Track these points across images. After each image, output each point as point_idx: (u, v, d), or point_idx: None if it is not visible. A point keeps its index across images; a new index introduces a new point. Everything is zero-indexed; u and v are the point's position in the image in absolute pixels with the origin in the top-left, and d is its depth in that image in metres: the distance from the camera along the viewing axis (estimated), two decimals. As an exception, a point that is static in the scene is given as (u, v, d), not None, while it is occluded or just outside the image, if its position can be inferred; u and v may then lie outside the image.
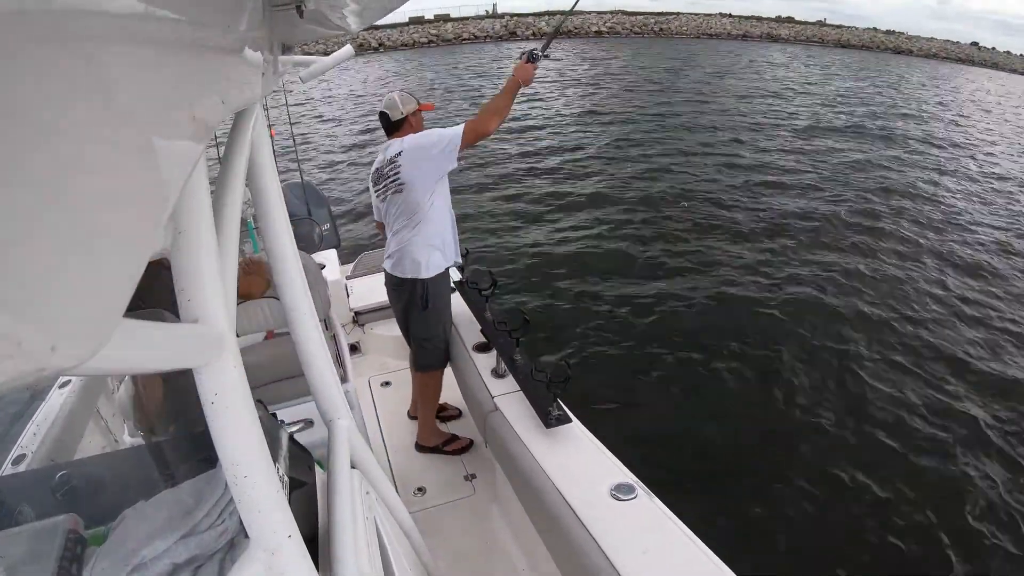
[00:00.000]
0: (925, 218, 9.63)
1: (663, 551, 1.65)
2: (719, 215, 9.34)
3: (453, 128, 2.61)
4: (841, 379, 5.29)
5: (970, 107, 24.50)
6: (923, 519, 3.83)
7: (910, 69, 40.39)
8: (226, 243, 0.83)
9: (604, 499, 1.83)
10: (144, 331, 0.48)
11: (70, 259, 0.26)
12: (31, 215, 0.23)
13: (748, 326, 6.10)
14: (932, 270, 7.71)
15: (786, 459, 4.26)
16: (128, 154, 0.33)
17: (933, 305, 6.76)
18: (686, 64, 32.61)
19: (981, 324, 6.43)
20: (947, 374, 5.42)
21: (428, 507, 2.81)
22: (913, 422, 4.78)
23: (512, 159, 12.48)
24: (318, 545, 1.13)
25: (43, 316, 0.24)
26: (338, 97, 22.68)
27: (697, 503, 3.50)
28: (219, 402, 0.72)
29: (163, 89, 0.41)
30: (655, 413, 4.69)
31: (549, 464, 1.98)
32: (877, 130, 16.66)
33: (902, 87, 28.70)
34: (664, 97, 20.88)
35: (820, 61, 40.05)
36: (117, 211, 0.32)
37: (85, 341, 0.28)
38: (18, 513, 1.04)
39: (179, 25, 0.43)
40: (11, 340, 0.22)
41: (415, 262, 2.73)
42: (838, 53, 49.10)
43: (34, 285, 0.23)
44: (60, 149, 0.25)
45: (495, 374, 2.56)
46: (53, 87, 0.24)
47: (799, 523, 3.71)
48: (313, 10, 1.03)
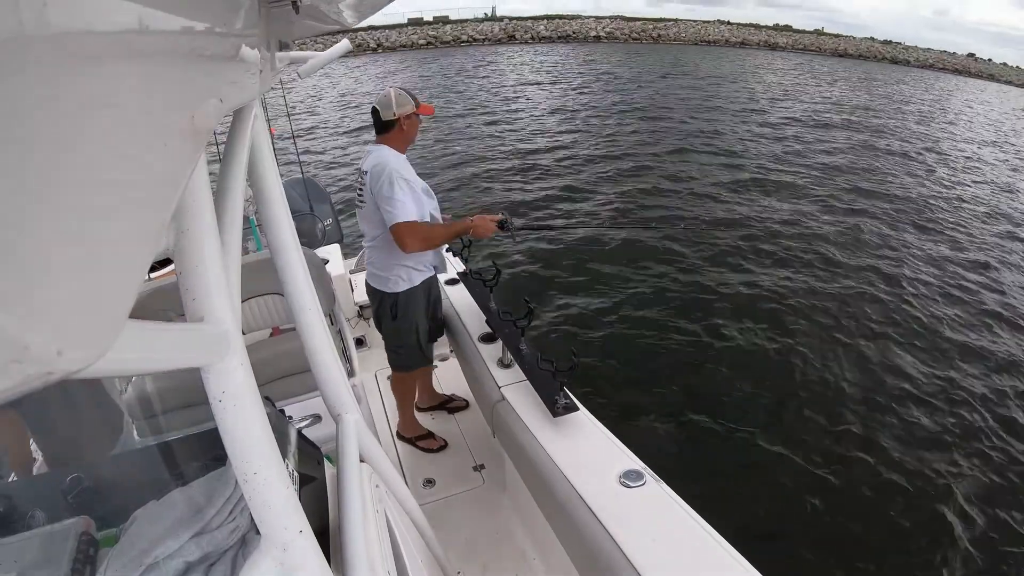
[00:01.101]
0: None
1: (673, 537, 1.65)
2: (735, 194, 9.33)
3: (394, 210, 2.42)
4: (851, 366, 5.30)
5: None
6: (935, 514, 3.84)
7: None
8: (229, 241, 0.83)
9: (613, 486, 1.83)
10: (149, 332, 0.48)
11: (74, 263, 0.26)
12: (34, 220, 0.23)
13: (757, 313, 6.10)
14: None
15: (795, 445, 4.27)
16: (128, 156, 0.33)
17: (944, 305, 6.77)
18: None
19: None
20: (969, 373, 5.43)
21: (438, 499, 2.82)
22: (917, 413, 4.79)
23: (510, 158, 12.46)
24: (329, 540, 1.14)
25: (49, 320, 0.24)
26: (338, 93, 22.63)
27: (705, 488, 3.52)
28: (227, 400, 0.72)
29: (161, 90, 0.40)
30: (662, 400, 4.69)
31: (557, 452, 1.98)
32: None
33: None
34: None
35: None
36: (119, 213, 0.32)
37: (91, 344, 0.28)
38: (31, 518, 1.05)
39: (175, 25, 0.43)
40: (17, 344, 0.22)
41: (380, 277, 2.70)
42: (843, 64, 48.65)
43: (39, 289, 0.23)
44: (61, 154, 0.25)
45: (501, 364, 2.55)
46: (54, 95, 0.24)
47: (807, 508, 3.72)
48: (309, 5, 1.02)
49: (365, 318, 4.21)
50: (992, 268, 7.74)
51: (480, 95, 21.31)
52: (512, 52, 41.83)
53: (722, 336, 5.62)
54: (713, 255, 7.41)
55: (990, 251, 8.37)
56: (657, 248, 7.55)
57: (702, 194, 9.81)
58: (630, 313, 6.03)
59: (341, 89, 24.35)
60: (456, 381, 3.08)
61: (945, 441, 4.44)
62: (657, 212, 8.94)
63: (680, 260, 7.24)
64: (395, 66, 34.16)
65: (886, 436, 4.39)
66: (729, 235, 7.90)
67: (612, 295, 6.37)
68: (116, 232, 0.31)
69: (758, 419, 4.49)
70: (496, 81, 24.92)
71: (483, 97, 20.76)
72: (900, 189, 10.99)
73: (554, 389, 2.23)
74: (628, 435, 2.08)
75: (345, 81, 27.04)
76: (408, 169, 2.54)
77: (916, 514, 3.74)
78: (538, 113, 17.74)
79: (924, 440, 4.41)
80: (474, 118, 16.66)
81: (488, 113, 17.41)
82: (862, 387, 4.96)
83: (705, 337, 5.60)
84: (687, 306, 6.18)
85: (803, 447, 4.22)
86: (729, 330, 5.72)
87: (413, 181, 2.51)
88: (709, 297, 6.36)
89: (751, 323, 5.85)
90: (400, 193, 2.42)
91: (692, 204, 9.33)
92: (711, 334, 5.65)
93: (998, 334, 6.06)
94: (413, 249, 2.51)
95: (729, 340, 5.56)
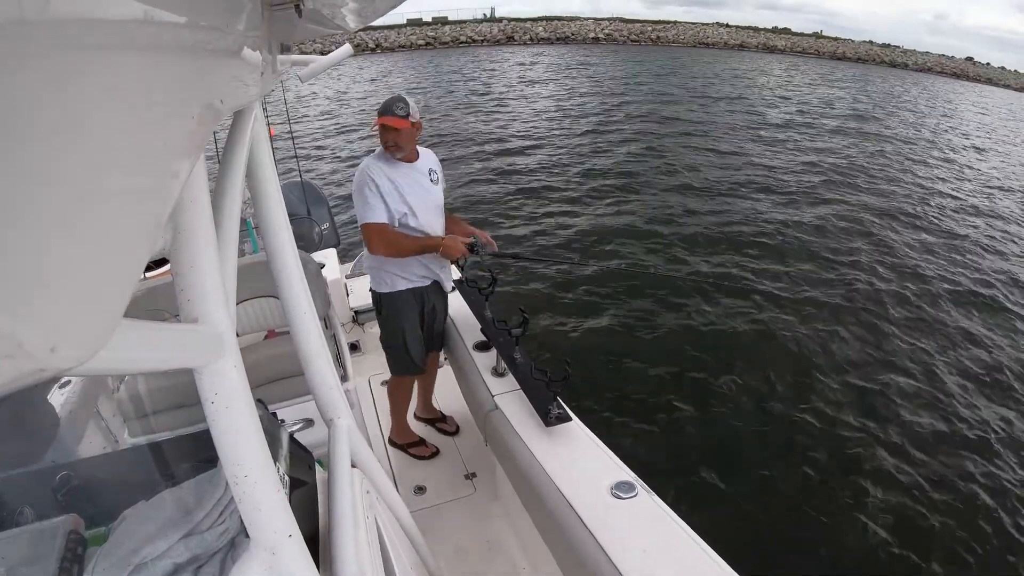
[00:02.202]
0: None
1: (663, 549, 1.65)
2: (730, 202, 9.36)
3: (362, 211, 2.53)
4: (844, 375, 5.31)
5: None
6: (929, 520, 3.84)
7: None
8: (226, 243, 0.83)
9: (604, 497, 1.83)
10: (144, 332, 0.48)
11: (70, 260, 0.26)
12: (31, 217, 0.23)
13: (752, 324, 6.11)
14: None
15: (791, 459, 4.27)
16: (127, 155, 0.33)
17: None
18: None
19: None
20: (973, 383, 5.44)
21: (428, 506, 2.81)
22: (916, 413, 4.80)
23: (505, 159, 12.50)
24: (319, 544, 1.13)
25: (43, 317, 0.24)
26: (338, 96, 22.67)
27: (697, 501, 3.51)
28: (219, 402, 0.72)
29: (162, 90, 0.41)
30: (655, 411, 4.69)
31: (549, 462, 1.98)
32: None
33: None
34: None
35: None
36: (117, 212, 0.32)
37: (85, 342, 0.28)
38: (19, 514, 1.04)
39: (177, 26, 0.43)
40: (11, 341, 0.22)
41: (372, 274, 2.78)
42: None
43: (34, 286, 0.23)
44: (59, 152, 0.25)
45: (495, 373, 2.55)
46: (53, 92, 0.25)
47: (798, 521, 3.72)
48: (311, 9, 1.02)
49: (360, 323, 4.21)
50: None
51: (471, 97, 21.41)
52: (509, 53, 42.04)
53: (717, 349, 5.62)
54: (710, 268, 7.44)
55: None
56: (653, 251, 7.57)
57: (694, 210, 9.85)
58: (623, 323, 6.03)
59: (341, 89, 24.43)
60: (450, 390, 3.08)
61: (947, 446, 4.45)
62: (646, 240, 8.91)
63: (680, 266, 7.27)
64: (389, 67, 34.38)
65: (884, 450, 4.39)
66: (723, 257, 7.92)
67: (606, 306, 6.37)
68: (113, 230, 0.31)
69: (753, 433, 4.49)
70: (494, 85, 24.97)
71: (473, 99, 20.83)
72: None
73: (547, 399, 2.23)
74: (620, 446, 2.08)
75: (344, 81, 27.12)
76: (380, 173, 2.54)
77: (917, 529, 3.74)
78: (529, 118, 17.80)
79: (924, 455, 4.41)
80: (464, 122, 16.70)
81: (477, 115, 17.46)
82: (857, 401, 4.96)
83: (700, 350, 5.60)
84: (682, 319, 6.19)
85: (799, 460, 4.22)
86: (725, 343, 5.73)
87: (383, 184, 2.52)
88: (704, 309, 6.37)
89: (747, 335, 5.86)
90: (370, 195, 2.51)
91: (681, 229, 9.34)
92: (706, 347, 5.65)
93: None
94: (377, 252, 2.60)
95: (725, 353, 5.57)
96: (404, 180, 2.58)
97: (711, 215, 9.39)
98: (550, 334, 5.76)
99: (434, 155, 2.81)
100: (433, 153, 2.82)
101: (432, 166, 2.73)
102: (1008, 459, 4.47)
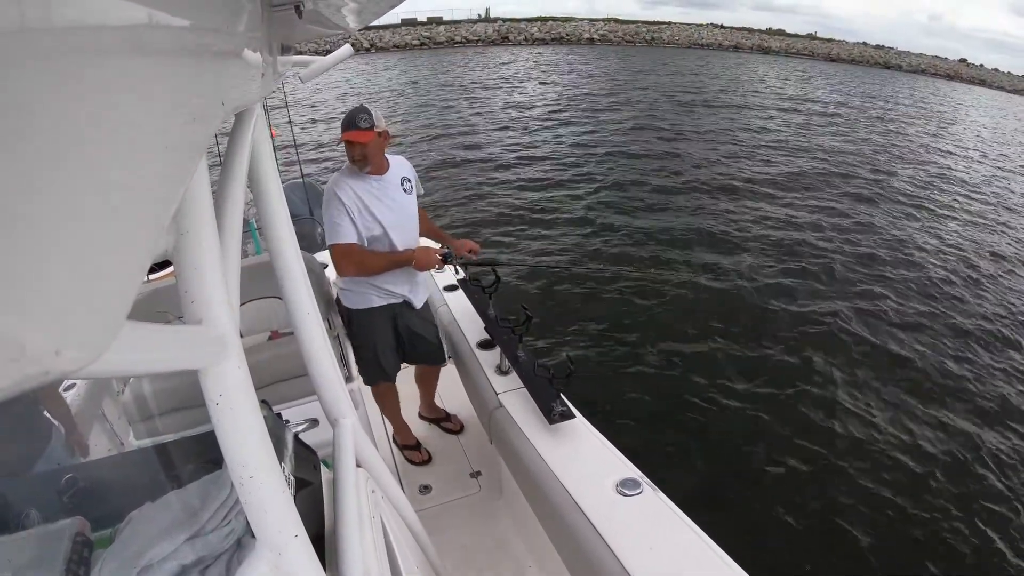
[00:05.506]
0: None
1: (669, 546, 1.65)
2: (735, 186, 9.34)
3: (330, 231, 2.44)
4: (854, 372, 5.30)
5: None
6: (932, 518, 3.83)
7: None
8: (228, 244, 0.82)
9: (609, 494, 1.82)
10: (148, 334, 0.48)
11: (73, 262, 0.26)
12: (34, 220, 0.23)
13: (760, 319, 6.11)
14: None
15: (797, 456, 4.26)
16: (129, 157, 0.33)
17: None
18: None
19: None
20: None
21: (434, 505, 2.81)
22: (913, 413, 4.79)
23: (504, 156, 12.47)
24: (324, 544, 1.13)
25: (47, 320, 0.24)
26: (338, 96, 22.67)
27: (703, 498, 3.51)
28: (224, 403, 0.72)
29: (163, 92, 0.41)
30: (659, 408, 4.69)
31: (554, 460, 1.98)
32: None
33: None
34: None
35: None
36: (120, 214, 0.32)
37: (89, 344, 0.28)
38: (25, 517, 1.04)
39: (178, 28, 0.43)
40: (15, 344, 0.22)
41: (342, 288, 2.70)
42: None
43: (38, 289, 0.23)
44: (61, 152, 0.25)
45: (499, 371, 2.55)
46: (56, 95, 0.24)
47: (803, 519, 3.71)
48: (312, 10, 1.02)
49: None
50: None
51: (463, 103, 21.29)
52: (504, 54, 41.99)
53: (721, 345, 5.62)
54: (712, 263, 7.43)
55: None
56: (653, 257, 7.56)
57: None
58: (627, 321, 6.02)
59: (340, 88, 24.44)
60: (454, 388, 3.08)
61: (949, 448, 4.44)
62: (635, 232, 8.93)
63: (676, 267, 7.26)
64: (382, 67, 34.36)
65: (893, 449, 4.38)
66: (724, 247, 7.91)
67: (609, 303, 6.37)
68: (116, 232, 0.31)
69: (759, 429, 4.48)
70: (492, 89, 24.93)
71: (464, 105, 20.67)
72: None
73: (551, 396, 2.22)
74: (625, 443, 2.07)
75: (350, 81, 27.15)
76: (348, 190, 2.44)
77: (925, 529, 3.73)
78: (517, 118, 17.77)
79: (931, 457, 4.41)
80: (453, 128, 16.56)
81: (470, 128, 17.26)
82: (864, 397, 4.96)
83: (704, 346, 5.60)
84: (685, 314, 6.19)
85: (805, 457, 4.21)
86: (729, 339, 5.72)
87: (350, 202, 2.42)
88: (707, 305, 6.37)
89: (751, 331, 5.85)
90: (337, 215, 2.41)
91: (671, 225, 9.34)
92: (709, 341, 5.65)
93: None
94: (347, 273, 2.52)
95: (729, 349, 5.56)
96: (374, 194, 2.48)
97: (712, 216, 9.39)
98: (553, 332, 5.75)
99: (407, 163, 2.70)
100: (406, 160, 2.70)
101: (405, 174, 2.62)
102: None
